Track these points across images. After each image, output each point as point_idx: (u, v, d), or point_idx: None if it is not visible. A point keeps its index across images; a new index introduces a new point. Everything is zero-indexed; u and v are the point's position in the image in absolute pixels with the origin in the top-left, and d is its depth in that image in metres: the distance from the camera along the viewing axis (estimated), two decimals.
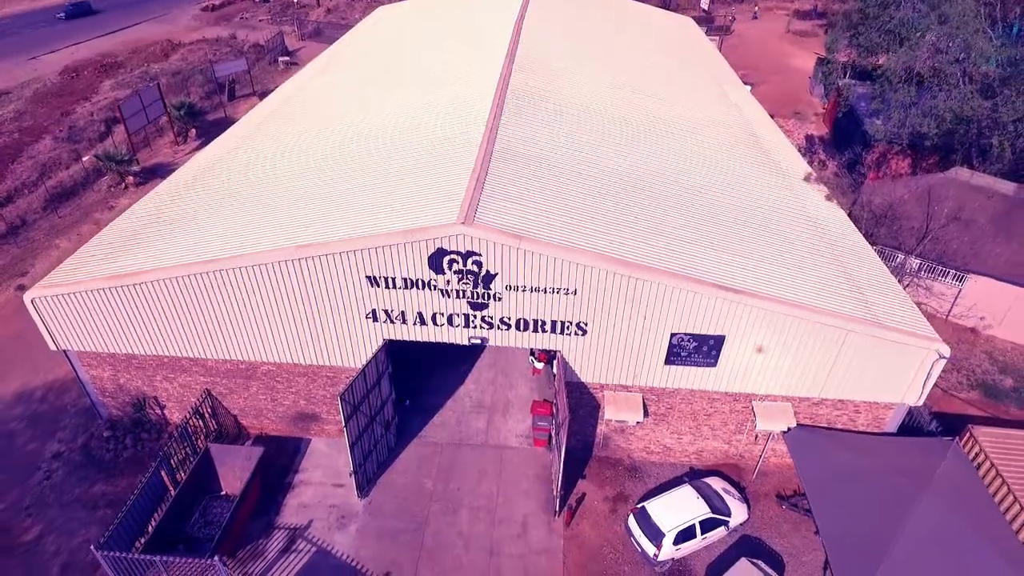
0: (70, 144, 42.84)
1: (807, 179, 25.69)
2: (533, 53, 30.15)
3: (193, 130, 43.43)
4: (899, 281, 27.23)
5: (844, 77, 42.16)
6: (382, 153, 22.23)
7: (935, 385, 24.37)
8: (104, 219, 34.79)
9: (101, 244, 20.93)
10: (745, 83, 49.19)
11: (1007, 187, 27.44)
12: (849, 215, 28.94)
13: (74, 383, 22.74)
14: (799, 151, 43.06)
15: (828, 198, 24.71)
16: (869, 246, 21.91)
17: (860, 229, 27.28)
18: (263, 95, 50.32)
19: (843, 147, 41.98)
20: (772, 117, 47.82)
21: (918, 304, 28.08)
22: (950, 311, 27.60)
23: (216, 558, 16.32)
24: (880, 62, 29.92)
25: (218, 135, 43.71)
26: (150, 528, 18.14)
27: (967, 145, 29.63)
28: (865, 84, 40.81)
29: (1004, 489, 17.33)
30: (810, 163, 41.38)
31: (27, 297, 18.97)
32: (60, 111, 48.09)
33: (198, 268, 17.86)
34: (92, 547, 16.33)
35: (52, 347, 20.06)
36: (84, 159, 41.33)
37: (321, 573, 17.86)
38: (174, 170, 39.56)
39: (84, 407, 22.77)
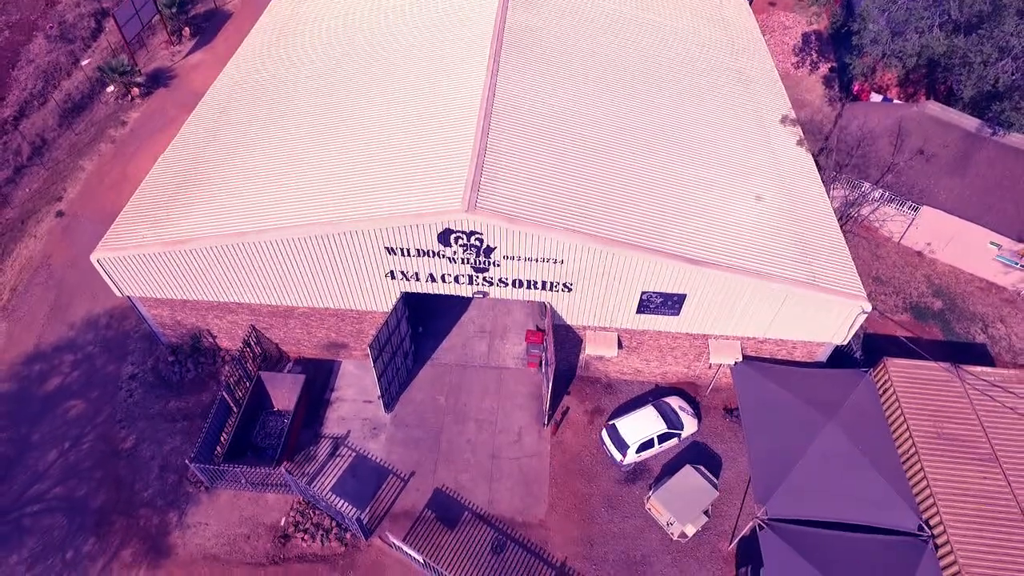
0: (65, 44, 42.68)
1: (783, 122, 27.51)
2: None
3: (187, 28, 43.00)
4: (861, 208, 30.22)
5: None
6: (389, 111, 24.09)
7: (874, 308, 28.48)
8: (119, 137, 36.46)
9: (148, 198, 23.62)
10: None
11: (971, 123, 29.19)
12: (825, 142, 30.97)
13: (132, 310, 26.39)
14: (794, 50, 43.38)
15: (799, 143, 26.81)
16: (825, 196, 24.59)
17: (832, 159, 29.65)
18: None
19: (840, 46, 42.03)
20: (772, 5, 47.10)
21: (876, 228, 31.36)
22: (903, 236, 30.77)
23: (282, 467, 21.24)
24: None
25: (211, 33, 43.70)
26: (223, 439, 22.97)
27: (947, 71, 30.79)
28: None
29: (900, 416, 21.82)
30: (801, 64, 41.99)
31: (93, 257, 22.09)
32: (44, 1, 46.86)
33: (242, 238, 20.83)
34: (187, 461, 21.23)
35: (117, 294, 23.54)
36: (84, 63, 41.60)
37: (362, 472, 22.98)
38: (175, 77, 40.53)
39: (145, 332, 26.74)
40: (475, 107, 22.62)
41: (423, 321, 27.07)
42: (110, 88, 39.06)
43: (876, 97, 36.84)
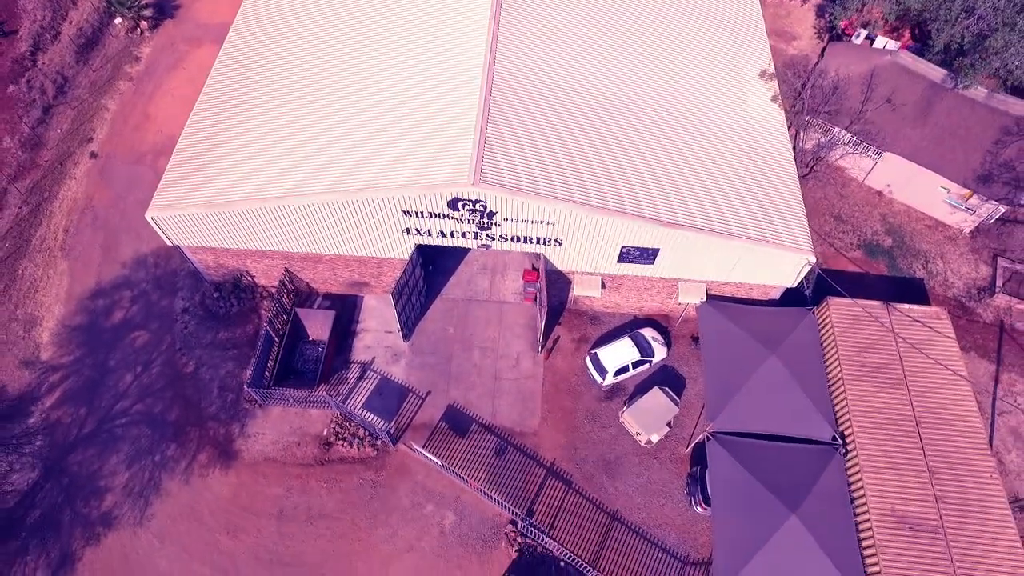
0: None
1: (761, 76, 29.72)
2: None
3: None
4: (831, 151, 33.04)
5: None
6: (399, 76, 26.47)
7: (830, 246, 32.26)
8: (135, 74, 38.17)
9: (186, 157, 26.56)
10: None
11: (938, 74, 31.34)
12: (802, 90, 33.11)
13: (176, 250, 29.88)
14: None
15: (774, 99, 29.24)
16: (791, 156, 27.55)
17: (806, 106, 32.05)
18: None
19: None
20: None
21: (844, 169, 34.34)
22: (866, 177, 33.83)
23: (321, 388, 25.94)
24: None
25: None
26: (269, 365, 27.49)
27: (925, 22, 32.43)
28: None
29: (834, 347, 26.20)
30: None
31: (148, 215, 25.45)
32: None
33: (279, 201, 24.11)
34: (245, 385, 25.88)
35: (167, 243, 27.09)
36: None
37: (387, 392, 27.74)
38: (180, 7, 41.47)
39: (191, 270, 30.46)
40: (477, 77, 25.04)
41: (433, 259, 30.77)
42: (118, 20, 40.04)
43: (863, 32, 38.19)
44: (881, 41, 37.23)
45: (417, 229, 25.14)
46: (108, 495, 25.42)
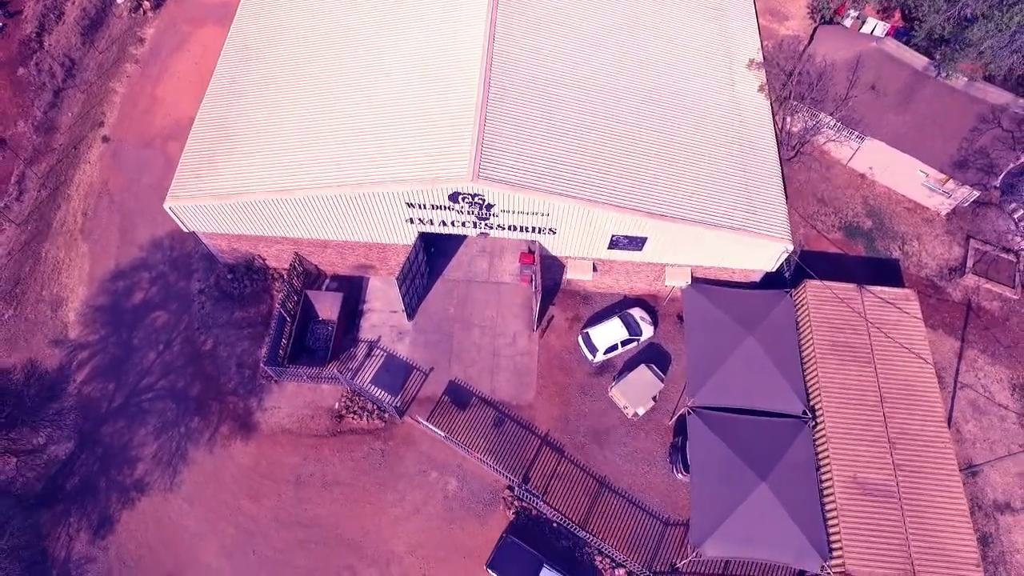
0: None
1: (749, 66, 30.81)
2: None
3: None
4: (817, 135, 34.33)
5: None
6: (398, 72, 27.66)
7: (812, 227, 33.89)
8: (140, 56, 38.99)
9: (199, 149, 27.97)
10: None
11: (920, 62, 32.39)
12: (789, 77, 34.18)
13: (191, 234, 31.44)
14: None
15: (760, 89, 30.42)
16: (775, 147, 28.91)
17: (794, 92, 33.19)
18: None
19: None
20: None
21: (828, 152, 35.67)
22: (850, 159, 35.20)
23: (331, 365, 27.97)
24: None
25: None
26: (283, 343, 29.46)
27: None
28: None
29: (809, 327, 28.13)
30: None
31: (166, 205, 27.02)
32: None
33: (291, 194, 25.65)
34: (262, 364, 27.91)
35: (184, 230, 28.72)
36: None
37: (393, 368, 29.79)
38: None
39: (205, 252, 32.13)
40: (476, 72, 26.24)
41: (435, 242, 32.38)
42: (120, 0, 40.58)
43: (852, 12, 38.88)
44: (871, 23, 38.01)
45: (420, 219, 26.75)
46: (139, 464, 27.74)
